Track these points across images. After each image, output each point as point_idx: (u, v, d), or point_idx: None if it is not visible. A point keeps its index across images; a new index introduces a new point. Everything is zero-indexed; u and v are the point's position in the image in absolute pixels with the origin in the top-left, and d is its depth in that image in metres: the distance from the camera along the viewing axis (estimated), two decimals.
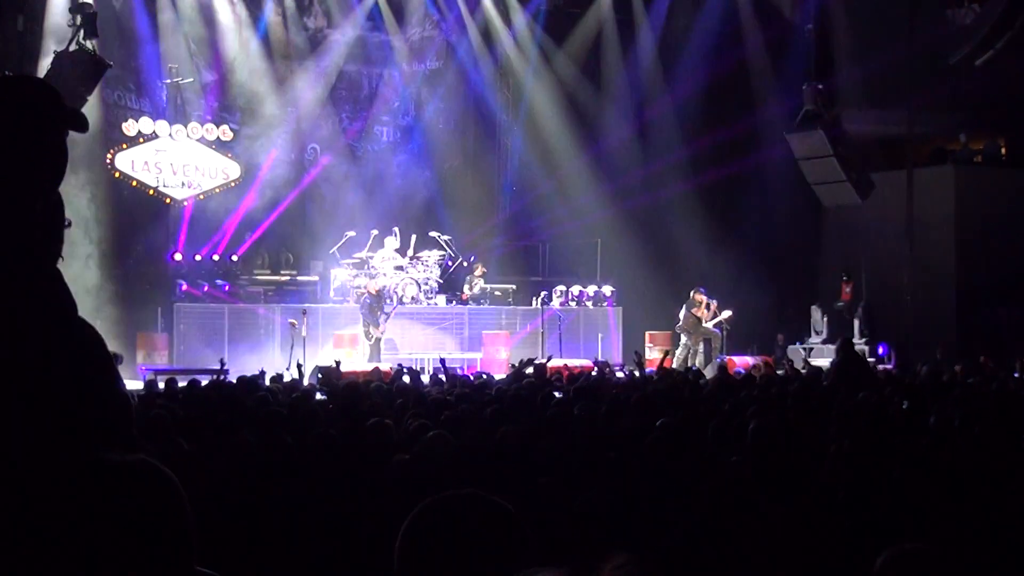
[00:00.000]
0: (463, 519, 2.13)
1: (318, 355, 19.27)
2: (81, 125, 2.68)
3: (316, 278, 22.58)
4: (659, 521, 4.74)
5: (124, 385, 2.57)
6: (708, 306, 21.74)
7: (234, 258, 22.39)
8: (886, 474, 5.48)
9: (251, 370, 13.76)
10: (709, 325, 21.60)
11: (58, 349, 2.41)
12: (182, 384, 12.02)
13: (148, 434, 6.65)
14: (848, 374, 12.60)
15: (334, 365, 12.18)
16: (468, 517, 2.14)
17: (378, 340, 19.86)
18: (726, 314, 21.79)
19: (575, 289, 23.48)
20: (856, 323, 24.06)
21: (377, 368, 16.59)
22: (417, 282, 21.72)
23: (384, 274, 21.35)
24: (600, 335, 22.91)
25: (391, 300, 20.74)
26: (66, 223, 2.82)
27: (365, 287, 20.42)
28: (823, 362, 18.84)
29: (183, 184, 22.04)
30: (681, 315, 21.78)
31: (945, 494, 5.14)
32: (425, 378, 14.39)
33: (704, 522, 4.71)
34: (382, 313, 20.04)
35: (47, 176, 2.60)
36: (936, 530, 4.51)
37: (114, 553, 1.82)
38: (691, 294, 21.78)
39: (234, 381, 12.44)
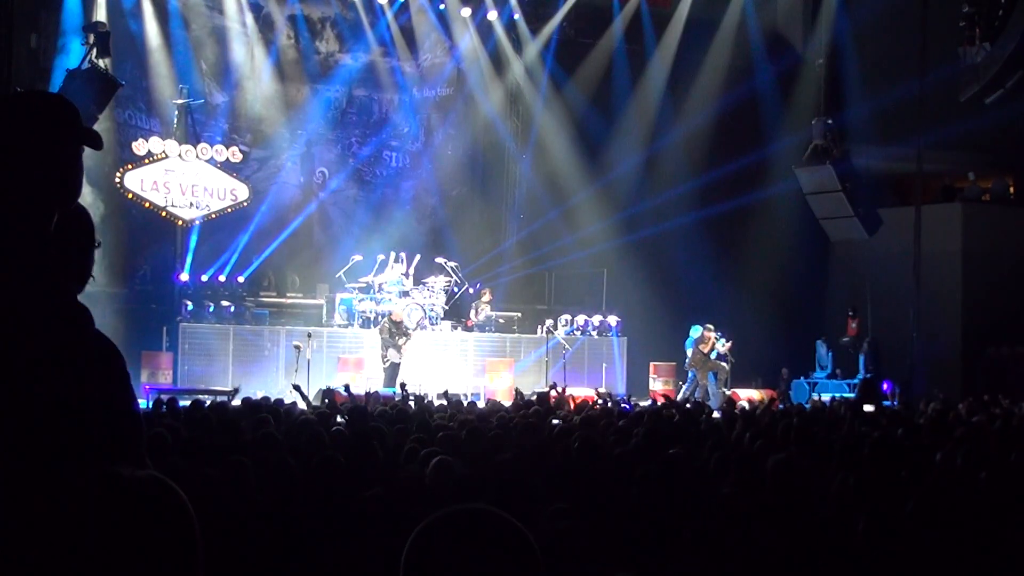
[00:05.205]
0: (472, 533, 2.08)
1: (323, 378, 19.26)
2: (96, 143, 2.68)
3: (322, 301, 22.56)
4: (661, 548, 4.71)
5: (138, 403, 2.56)
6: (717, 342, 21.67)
7: (240, 280, 22.40)
8: (893, 510, 5.44)
9: (254, 392, 13.75)
10: (713, 356, 21.52)
11: (70, 364, 2.39)
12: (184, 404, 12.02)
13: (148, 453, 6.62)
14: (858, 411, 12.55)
15: (343, 389, 12.14)
16: (477, 532, 2.09)
17: (395, 365, 19.78)
18: (726, 345, 21.72)
19: (580, 318, 23.44)
20: (861, 359, 24.01)
21: (376, 393, 16.56)
22: (422, 308, 21.71)
23: (389, 299, 21.36)
24: (604, 365, 22.84)
25: (410, 326, 20.70)
26: (96, 243, 2.82)
27: (390, 314, 20.40)
28: (825, 397, 18.79)
29: (191, 205, 22.09)
30: (689, 352, 21.68)
31: (952, 530, 5.10)
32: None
33: (705, 548, 4.68)
34: (401, 337, 19.99)
35: (63, 192, 2.60)
36: (943, 563, 4.48)
37: (123, 567, 1.82)
38: (700, 331, 21.59)
39: (239, 403, 12.44)
